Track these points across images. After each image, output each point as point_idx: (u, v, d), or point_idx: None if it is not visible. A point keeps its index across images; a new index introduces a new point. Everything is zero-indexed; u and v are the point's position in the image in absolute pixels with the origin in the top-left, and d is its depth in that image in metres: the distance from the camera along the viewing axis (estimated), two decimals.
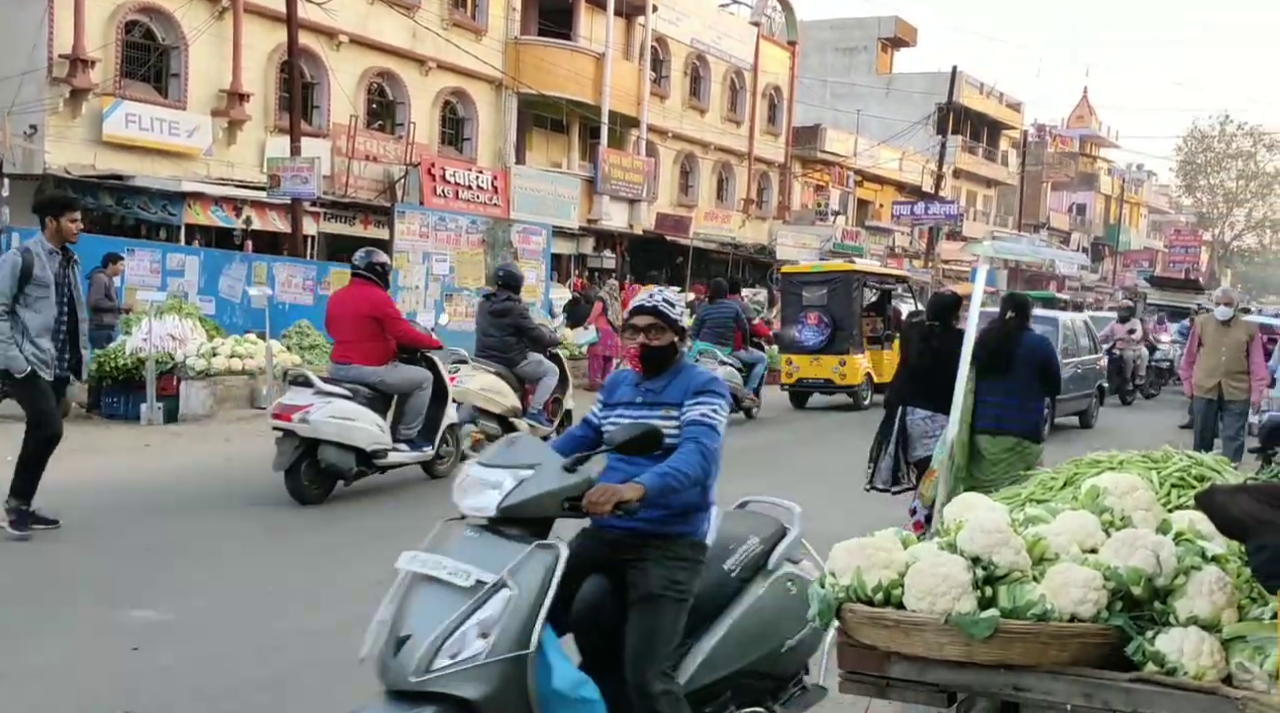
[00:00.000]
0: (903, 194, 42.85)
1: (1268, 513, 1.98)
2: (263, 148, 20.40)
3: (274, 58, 20.72)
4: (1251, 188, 70.15)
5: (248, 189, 19.40)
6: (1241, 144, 68.92)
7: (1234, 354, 9.83)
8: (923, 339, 7.11)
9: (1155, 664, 2.20)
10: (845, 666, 2.50)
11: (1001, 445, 6.41)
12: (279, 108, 20.58)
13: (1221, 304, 10.29)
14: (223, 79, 20.04)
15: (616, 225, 29.14)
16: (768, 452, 11.40)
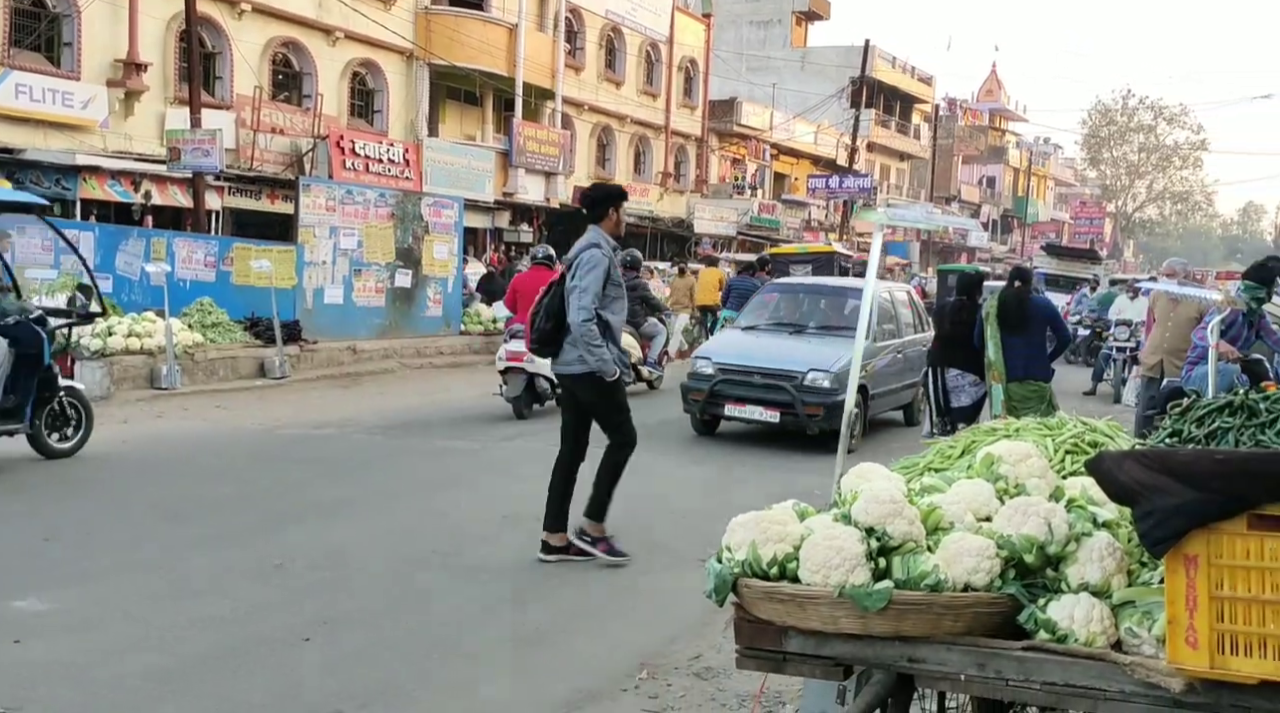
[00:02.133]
0: (818, 168, 43.25)
1: (1154, 478, 1.97)
2: (162, 120, 19.72)
3: (172, 26, 19.99)
4: (1152, 160, 72.35)
5: (147, 163, 18.74)
6: (1143, 118, 70.96)
7: (1180, 330, 8.96)
8: (955, 312, 9.36)
9: (1047, 632, 2.19)
10: (742, 642, 2.45)
11: (1028, 389, 8.33)
12: (179, 78, 19.87)
13: (1165, 275, 9.68)
14: (118, 48, 19.27)
15: (533, 199, 28.86)
16: None
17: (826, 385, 10.06)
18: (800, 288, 12.86)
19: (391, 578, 5.98)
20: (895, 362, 11.54)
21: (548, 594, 5.82)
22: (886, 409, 11.82)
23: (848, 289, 12.09)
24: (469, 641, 5.10)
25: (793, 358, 10.55)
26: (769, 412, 10.28)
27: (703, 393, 10.52)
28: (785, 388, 10.18)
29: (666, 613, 5.56)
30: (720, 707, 4.40)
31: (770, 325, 11.66)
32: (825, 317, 11.63)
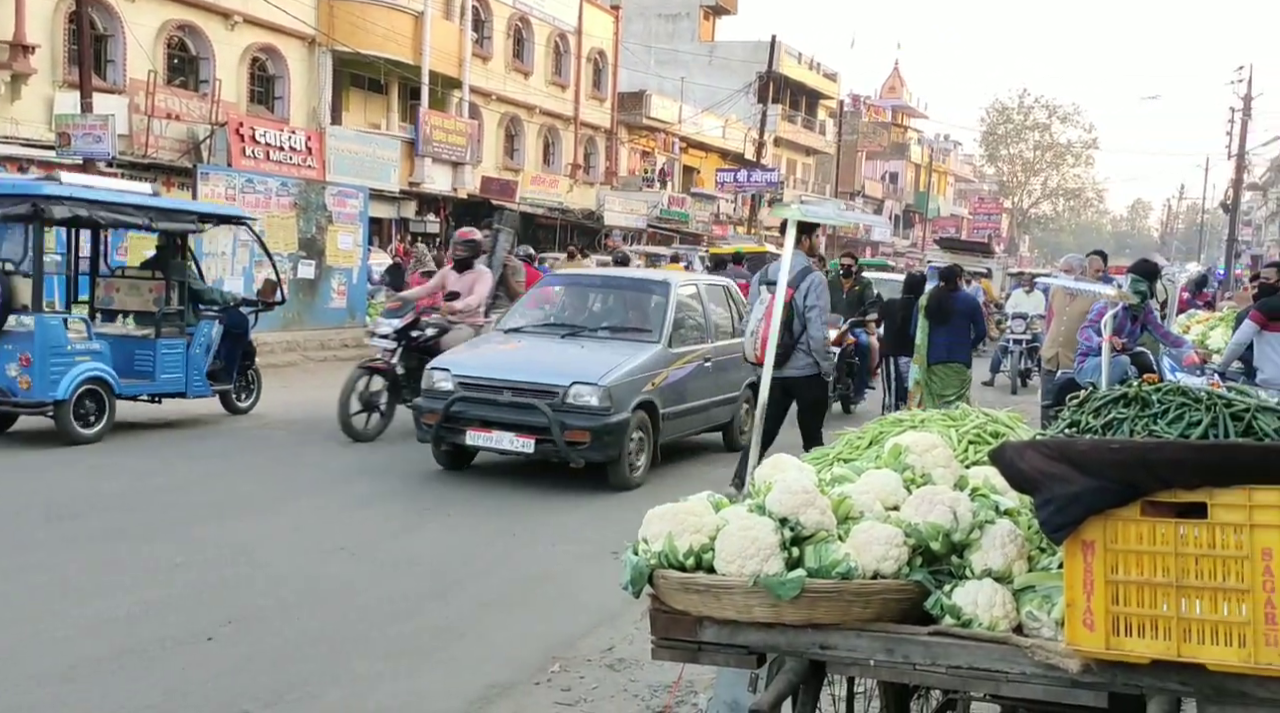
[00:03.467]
0: (726, 161, 43.59)
1: (1053, 467, 2.04)
2: (51, 104, 18.97)
3: (61, 7, 19.24)
4: (1047, 158, 74.72)
5: (35, 148, 18.02)
6: (1038, 116, 73.18)
7: (1074, 324, 9.19)
8: (903, 307, 10.38)
9: (952, 617, 2.25)
10: (657, 632, 2.47)
11: (950, 370, 9.66)
12: (68, 61, 19.14)
13: (1063, 271, 9.77)
14: (4, 29, 18.46)
15: (440, 188, 28.52)
16: None
17: (594, 403, 7.85)
18: (590, 280, 10.61)
19: (299, 574, 5.87)
20: (701, 372, 9.16)
21: (459, 588, 5.78)
22: (692, 432, 9.46)
23: (651, 282, 9.71)
24: (379, 636, 5.04)
25: (554, 368, 8.21)
26: (521, 439, 7.88)
27: (437, 414, 8.13)
28: (539, 407, 7.83)
29: (578, 605, 5.58)
30: (633, 698, 4.43)
31: (540, 327, 9.28)
32: (615, 316, 9.46)
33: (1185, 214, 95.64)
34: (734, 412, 9.89)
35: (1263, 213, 64.20)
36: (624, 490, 8.03)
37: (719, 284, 10.91)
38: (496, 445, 8.05)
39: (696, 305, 9.76)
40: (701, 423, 9.53)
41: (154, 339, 9.68)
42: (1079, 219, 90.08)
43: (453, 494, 7.89)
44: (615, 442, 7.92)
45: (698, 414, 9.29)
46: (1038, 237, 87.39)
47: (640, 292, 9.60)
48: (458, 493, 7.95)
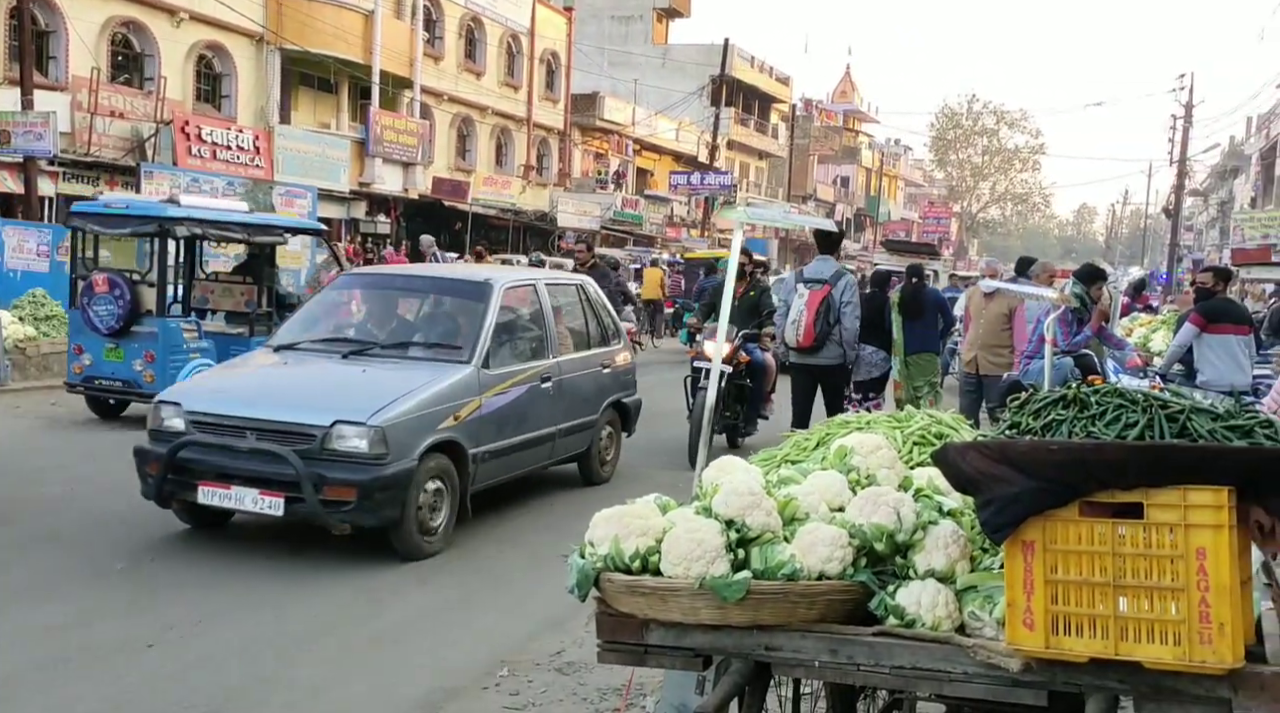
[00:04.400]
0: (680, 164, 43.69)
1: (994, 468, 2.07)
2: None
3: (1, 2, 18.79)
4: (995, 163, 75.75)
5: None
6: (986, 122, 74.19)
7: (991, 327, 9.48)
8: (868, 301, 9.86)
9: (896, 618, 2.27)
10: (603, 635, 2.46)
11: (923, 359, 10.32)
12: (8, 57, 18.71)
13: (987, 275, 10.09)
14: None
15: (390, 189, 28.29)
16: None
17: (363, 449, 5.94)
18: (393, 282, 8.38)
19: (243, 580, 5.78)
20: (537, 396, 7.40)
21: (406, 593, 5.73)
22: (525, 470, 7.55)
23: (464, 285, 7.64)
24: (324, 642, 4.98)
25: (314, 401, 6.29)
26: (267, 497, 5.94)
27: (161, 463, 6.17)
28: (285, 456, 5.87)
29: (526, 609, 5.54)
30: (581, 701, 4.41)
31: (319, 343, 7.20)
32: (417, 329, 7.57)
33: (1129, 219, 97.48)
34: (590, 439, 8.22)
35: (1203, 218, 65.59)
36: (414, 559, 6.19)
37: (571, 284, 8.87)
38: (236, 505, 6.09)
39: (532, 312, 7.80)
40: (539, 458, 7.63)
41: (248, 337, 10.56)
42: (1026, 223, 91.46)
43: None
44: (393, 499, 5.95)
45: (534, 448, 7.44)
46: (986, 240, 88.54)
47: (451, 296, 7.61)
48: None
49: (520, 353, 7.48)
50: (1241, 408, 2.09)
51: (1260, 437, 2.00)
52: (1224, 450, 1.95)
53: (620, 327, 9.20)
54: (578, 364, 8.07)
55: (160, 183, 15.73)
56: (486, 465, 6.86)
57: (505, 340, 7.29)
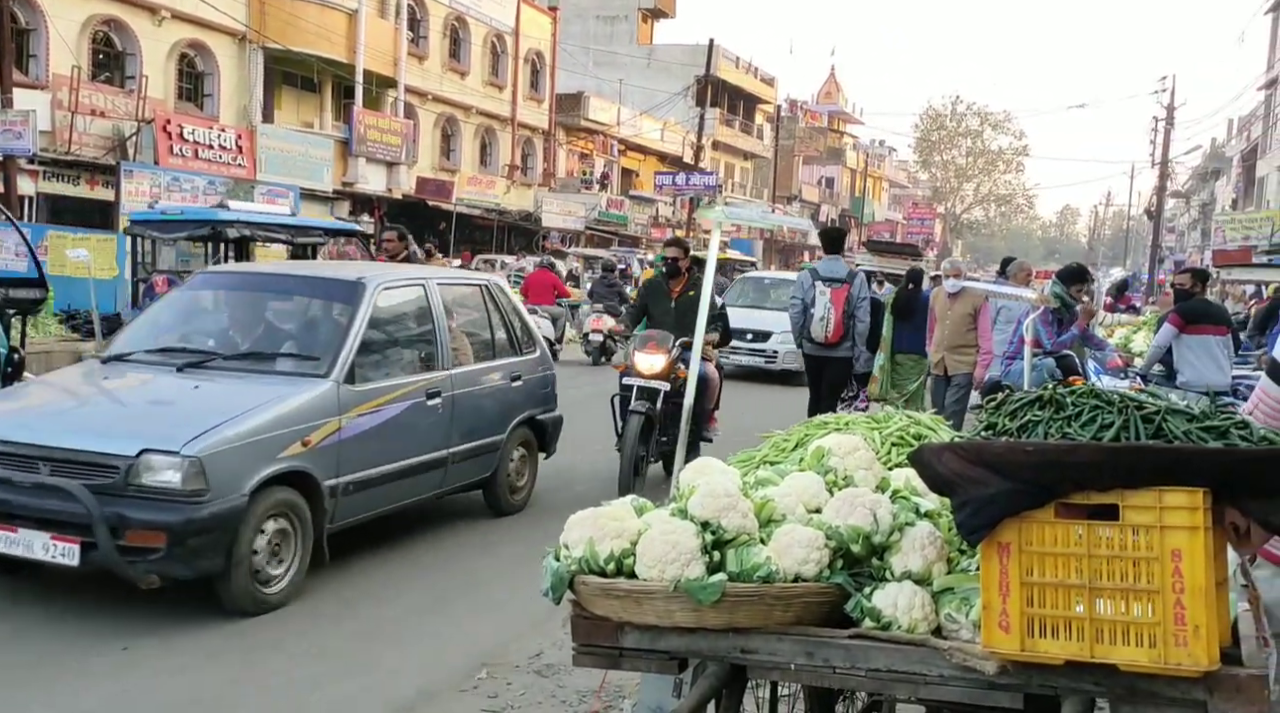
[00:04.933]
0: (664, 164, 43.71)
1: (970, 469, 2.05)
2: None
3: None
4: (979, 164, 76.05)
5: None
6: (970, 123, 74.47)
7: (957, 327, 9.34)
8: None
9: (872, 620, 2.25)
10: (578, 638, 2.44)
11: (910, 359, 10.26)
12: None
13: (950, 276, 9.73)
14: None
15: (374, 189, 28.20)
16: None
17: (175, 483, 4.93)
18: (251, 281, 7.11)
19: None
20: (421, 415, 6.32)
21: (385, 595, 5.69)
22: (407, 502, 6.44)
23: (333, 285, 6.52)
24: (302, 643, 4.94)
25: (120, 425, 5.34)
26: (62, 543, 4.90)
27: None
28: (75, 493, 4.85)
29: (506, 611, 5.52)
30: (560, 703, 4.39)
31: (154, 354, 6.10)
32: (270, 338, 6.39)
33: (1112, 220, 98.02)
34: (496, 462, 7.12)
35: (1185, 220, 66.00)
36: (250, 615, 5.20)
37: (474, 285, 7.74)
38: (24, 552, 4.99)
39: (419, 318, 6.69)
40: (427, 486, 6.52)
41: None
42: (1010, 225, 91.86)
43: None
44: (213, 545, 4.98)
45: (418, 476, 6.34)
46: (970, 241, 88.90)
47: (316, 298, 6.51)
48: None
49: (401, 365, 6.41)
50: (1217, 409, 2.08)
51: (1235, 438, 1.99)
52: (1199, 451, 1.94)
53: (536, 333, 7.98)
54: (478, 377, 7.02)
55: (141, 182, 15.63)
56: (352, 499, 5.77)
57: (380, 350, 6.25)
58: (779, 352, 16.11)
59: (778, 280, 18.84)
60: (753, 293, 18.42)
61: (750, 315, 16.32)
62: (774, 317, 15.90)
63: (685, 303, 8.14)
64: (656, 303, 8.47)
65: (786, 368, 15.76)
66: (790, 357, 14.96)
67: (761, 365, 16.32)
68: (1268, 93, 41.44)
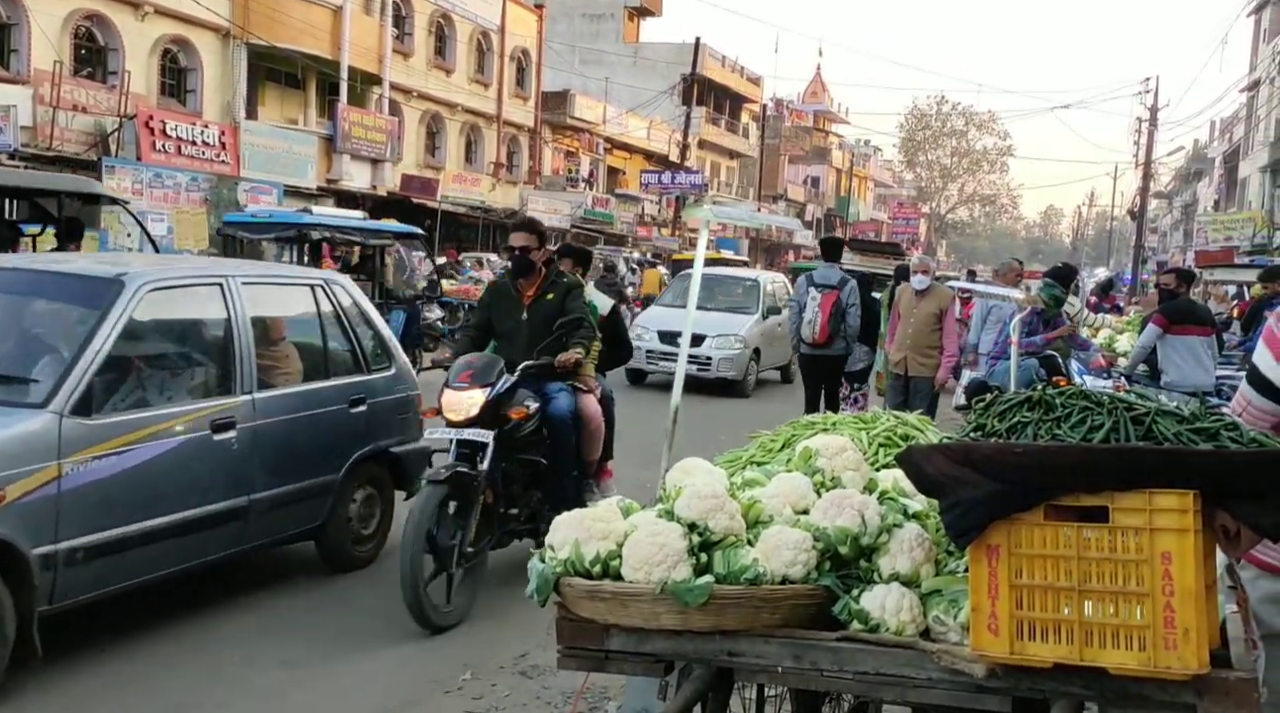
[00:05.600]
0: (651, 163, 43.66)
1: (959, 471, 2.04)
2: None
3: None
4: (964, 164, 76.28)
5: None
6: (955, 123, 74.69)
7: (922, 326, 9.03)
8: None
9: (860, 622, 2.24)
10: (563, 641, 2.42)
11: None
12: None
13: (919, 272, 9.45)
14: None
15: (359, 186, 28.07)
16: None
17: None
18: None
19: (195, 583, 5.68)
20: (204, 454, 4.92)
21: (365, 596, 5.64)
22: (180, 568, 4.99)
23: (82, 282, 5.03)
24: (283, 645, 4.89)
25: None
26: None
27: None
28: None
29: (490, 612, 5.47)
30: (545, 705, 4.36)
31: None
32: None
33: (1095, 221, 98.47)
34: (329, 508, 5.70)
35: (1168, 221, 66.37)
36: None
37: (301, 284, 6.14)
38: None
39: (209, 327, 5.32)
40: (217, 546, 5.12)
41: None
42: (994, 225, 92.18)
43: None
44: None
45: (194, 534, 4.91)
46: (954, 241, 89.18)
47: (55, 301, 5.06)
48: None
49: (173, 389, 5.03)
50: (1207, 410, 2.07)
51: (1226, 440, 1.98)
52: (1192, 454, 1.93)
53: (392, 345, 6.41)
54: (296, 402, 5.52)
55: (123, 178, 15.53)
56: (81, 570, 4.35)
57: (139, 370, 4.86)
58: (714, 358, 14.35)
59: (723, 278, 16.94)
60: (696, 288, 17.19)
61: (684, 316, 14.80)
62: (713, 319, 14.45)
63: (542, 311, 5.89)
64: (502, 314, 6.04)
65: (723, 376, 14.35)
66: (727, 364, 14.27)
67: (693, 373, 13.90)
68: (1249, 94, 41.71)
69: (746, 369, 14.69)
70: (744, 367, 14.60)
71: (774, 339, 15.32)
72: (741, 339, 14.61)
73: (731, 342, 14.49)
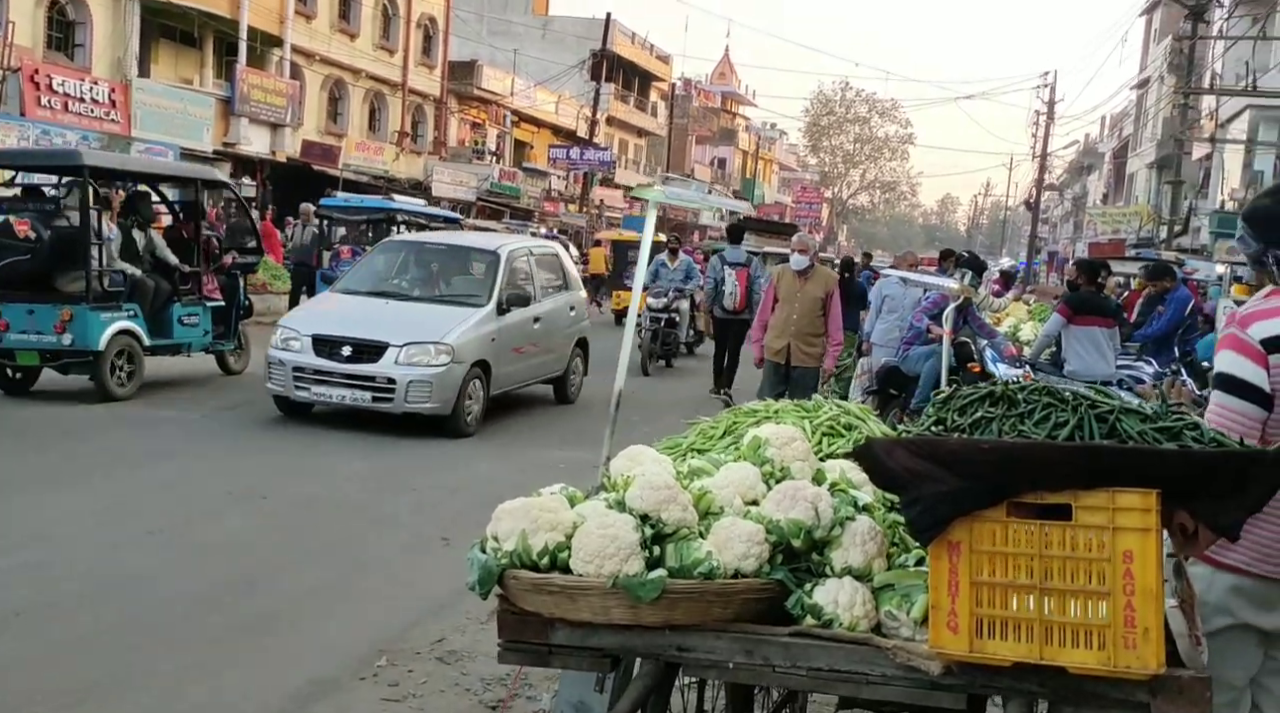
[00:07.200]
0: (559, 138, 43.27)
1: (923, 466, 2.00)
2: None
3: None
4: (865, 151, 77.50)
5: None
6: (859, 110, 75.80)
7: (807, 311, 8.53)
8: None
9: (813, 617, 2.20)
10: (505, 635, 2.32)
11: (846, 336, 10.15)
12: None
13: (796, 251, 8.76)
14: None
15: (257, 151, 27.18)
16: None
17: None
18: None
19: (102, 561, 5.42)
20: None
21: (274, 577, 5.45)
22: None
23: None
24: (189, 629, 4.69)
25: None
26: None
27: None
28: None
29: (405, 595, 5.34)
30: (465, 692, 4.26)
31: None
32: None
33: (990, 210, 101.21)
34: None
35: (1059, 212, 68.58)
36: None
37: None
38: None
39: None
40: None
41: None
42: (894, 211, 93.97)
43: (270, 477, 7.47)
44: None
45: None
46: (855, 226, 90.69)
47: None
48: (275, 475, 7.54)
49: None
50: (1169, 409, 2.08)
51: (1188, 439, 1.99)
52: (1158, 453, 1.93)
53: None
54: None
55: (7, 133, 14.71)
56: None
57: None
58: (399, 382, 8.79)
59: (435, 249, 11.08)
60: (396, 270, 10.77)
61: (366, 309, 9.57)
62: (406, 315, 9.45)
63: None
64: None
65: (414, 410, 8.88)
66: (422, 390, 8.82)
67: (367, 404, 8.91)
68: (1139, 92, 43.24)
69: (460, 396, 9.06)
70: (452, 392, 9.00)
71: (527, 341, 10.30)
72: (448, 349, 9.01)
73: (430, 355, 8.95)
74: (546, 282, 11.04)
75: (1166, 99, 33.21)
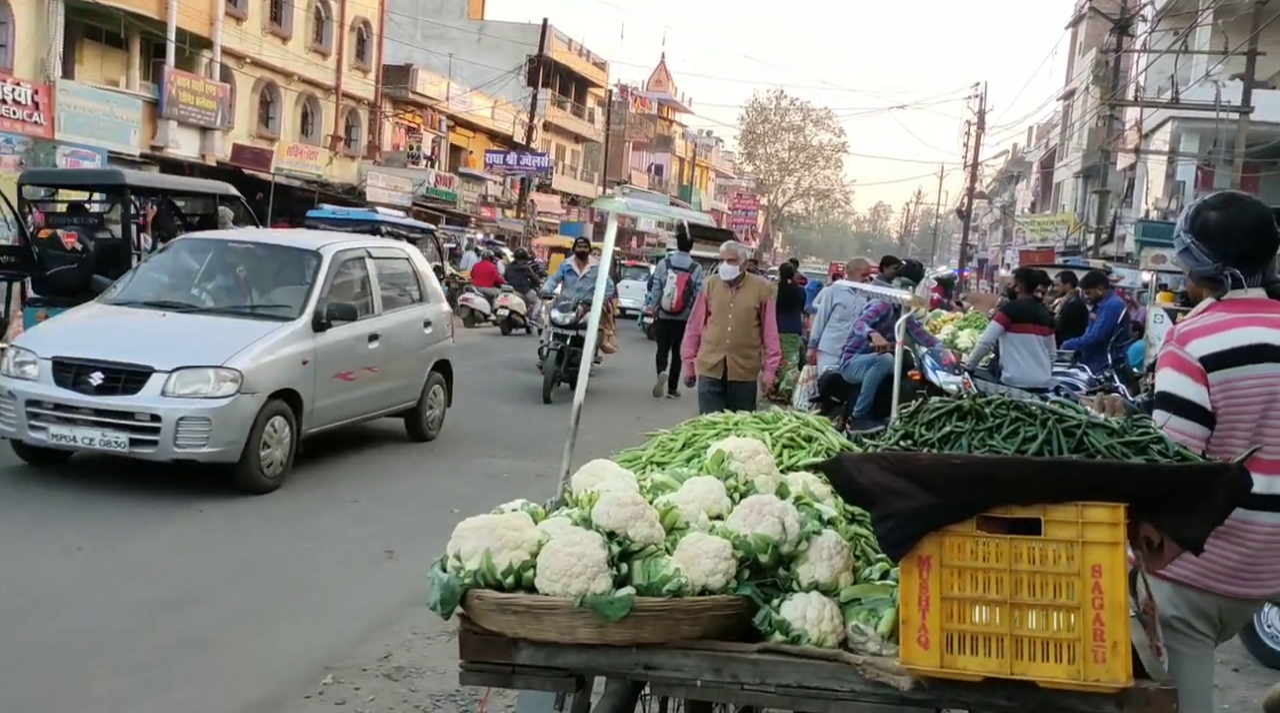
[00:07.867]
0: (495, 143, 43.02)
1: (894, 481, 2.00)
2: None
3: None
4: (801, 159, 78.24)
5: None
6: (793, 118, 76.56)
7: (741, 322, 7.97)
8: None
9: (781, 633, 2.18)
10: (467, 655, 2.28)
11: (789, 337, 12.19)
12: None
13: (725, 261, 8.20)
14: None
15: (186, 154, 26.58)
16: None
17: None
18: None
19: (29, 577, 5.22)
20: None
21: (214, 593, 5.31)
22: None
23: None
24: (125, 649, 4.54)
25: None
26: None
27: None
28: None
29: (349, 611, 5.24)
30: (414, 708, 4.18)
31: None
32: None
33: (921, 218, 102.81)
34: None
35: (988, 219, 69.88)
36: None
37: None
38: None
39: None
40: None
41: None
42: (827, 218, 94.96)
43: (202, 492, 7.25)
44: None
45: None
46: (790, 233, 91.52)
47: None
48: (207, 491, 7.32)
49: None
50: (1135, 423, 2.10)
51: (1154, 453, 2.01)
52: (1126, 468, 1.95)
53: None
54: None
55: None
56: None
57: None
58: (165, 419, 6.81)
59: (238, 250, 8.74)
60: (189, 277, 8.47)
61: (132, 324, 7.70)
62: (183, 332, 7.50)
63: None
64: None
65: (187, 456, 6.93)
66: (196, 431, 6.85)
67: (123, 449, 6.88)
68: (1066, 103, 44.26)
69: (252, 437, 7.11)
70: (240, 432, 7.05)
71: (360, 365, 8.40)
72: (234, 375, 7.09)
73: (209, 383, 7.01)
74: (392, 292, 9.09)
75: (1092, 110, 34.05)
